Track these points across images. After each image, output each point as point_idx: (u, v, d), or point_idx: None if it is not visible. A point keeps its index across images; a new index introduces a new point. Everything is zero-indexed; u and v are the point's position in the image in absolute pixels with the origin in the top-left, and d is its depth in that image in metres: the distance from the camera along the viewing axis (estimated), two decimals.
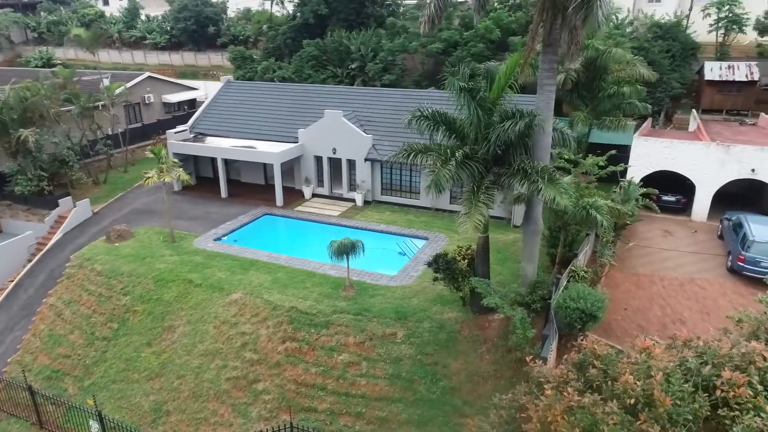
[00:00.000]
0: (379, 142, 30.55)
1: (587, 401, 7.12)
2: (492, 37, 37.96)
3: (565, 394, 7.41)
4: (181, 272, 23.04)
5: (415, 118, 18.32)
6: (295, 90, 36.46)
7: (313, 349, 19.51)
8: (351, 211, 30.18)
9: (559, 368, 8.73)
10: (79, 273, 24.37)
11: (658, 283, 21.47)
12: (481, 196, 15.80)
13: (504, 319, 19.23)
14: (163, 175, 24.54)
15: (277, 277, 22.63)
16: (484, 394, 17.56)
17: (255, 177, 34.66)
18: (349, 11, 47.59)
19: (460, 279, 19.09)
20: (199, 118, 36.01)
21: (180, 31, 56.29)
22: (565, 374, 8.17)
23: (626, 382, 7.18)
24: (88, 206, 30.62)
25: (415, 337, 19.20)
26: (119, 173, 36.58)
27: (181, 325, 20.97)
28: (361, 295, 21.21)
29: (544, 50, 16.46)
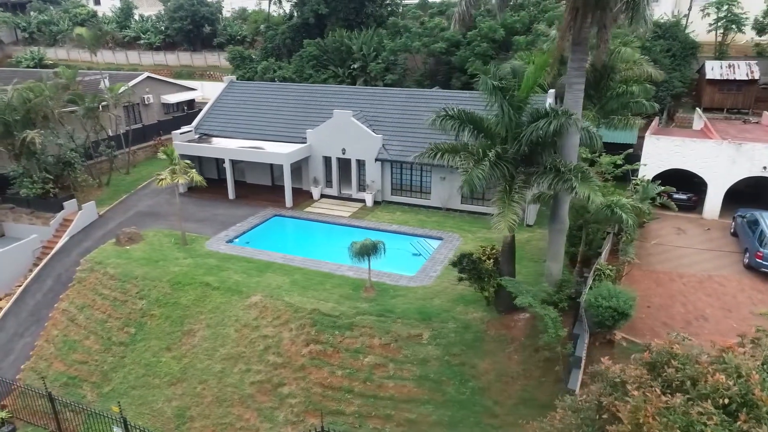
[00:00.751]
0: (388, 142, 30.42)
1: (677, 402, 7.06)
2: (496, 37, 38.00)
3: (651, 394, 7.33)
4: (197, 275, 22.69)
5: (440, 117, 18.19)
6: (301, 90, 36.17)
7: (337, 352, 19.32)
8: (361, 212, 30.00)
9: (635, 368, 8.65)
10: (90, 277, 23.89)
11: (678, 281, 21.61)
12: (515, 196, 15.71)
13: (530, 319, 19.21)
14: (176, 177, 24.14)
15: (294, 279, 22.39)
16: (514, 394, 17.57)
17: (261, 178, 34.31)
18: (348, 11, 47.37)
19: (486, 279, 19.01)
20: (203, 119, 35.56)
21: (176, 31, 55.62)
22: (643, 374, 8.09)
23: (717, 381, 7.13)
24: (93, 209, 30.07)
25: (440, 337, 19.10)
26: (121, 175, 35.99)
27: (201, 329, 20.64)
28: (382, 296, 21.06)
29: (573, 49, 16.43)
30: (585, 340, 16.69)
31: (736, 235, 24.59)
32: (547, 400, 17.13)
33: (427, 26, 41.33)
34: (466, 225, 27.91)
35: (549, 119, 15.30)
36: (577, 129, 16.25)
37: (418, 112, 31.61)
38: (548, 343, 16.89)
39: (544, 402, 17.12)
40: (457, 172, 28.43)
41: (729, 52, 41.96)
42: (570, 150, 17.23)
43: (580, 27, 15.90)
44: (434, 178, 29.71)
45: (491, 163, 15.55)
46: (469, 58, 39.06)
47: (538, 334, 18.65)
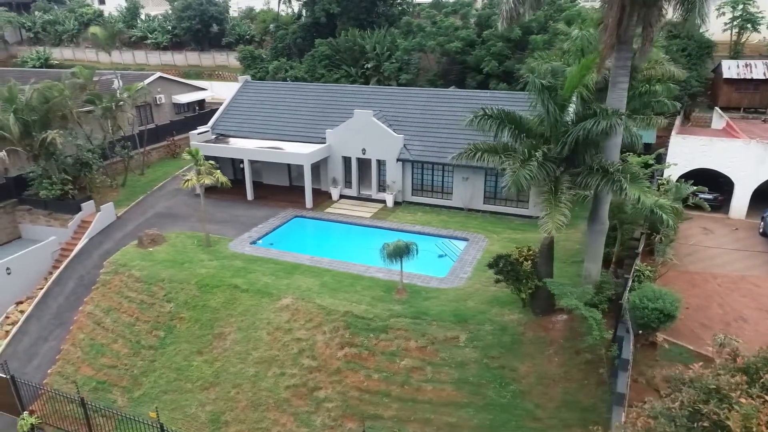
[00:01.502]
0: (409, 142, 30.17)
1: None
2: (512, 36, 37.79)
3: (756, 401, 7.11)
4: (225, 277, 22.39)
5: (479, 117, 17.96)
6: (318, 90, 35.90)
7: (373, 355, 19.06)
8: (382, 212, 29.75)
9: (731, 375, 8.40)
10: (115, 279, 23.56)
11: (712, 281, 21.45)
12: (562, 197, 15.47)
13: (568, 320, 19.00)
14: (202, 178, 23.83)
15: (324, 281, 22.11)
16: (556, 397, 17.34)
17: (278, 179, 34.01)
18: (360, 10, 47.16)
19: (524, 281, 18.78)
20: (219, 119, 35.26)
21: (184, 31, 55.24)
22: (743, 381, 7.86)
23: None
24: (112, 210, 29.71)
25: (477, 340, 18.85)
26: (135, 176, 35.59)
27: (232, 332, 20.35)
28: (414, 298, 20.81)
29: (618, 48, 16.20)
30: (630, 343, 16.44)
31: (766, 235, 24.43)
32: (590, 403, 17.00)
33: (441, 25, 41.10)
34: (490, 225, 27.68)
35: (597, 119, 15.08)
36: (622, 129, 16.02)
37: (439, 112, 31.43)
38: (592, 346, 16.69)
39: (587, 405, 16.95)
40: (480, 173, 28.65)
41: (743, 52, 41.86)
42: (612, 150, 17.04)
43: (627, 25, 15.68)
44: (456, 178, 29.48)
45: (539, 164, 15.30)
46: (485, 57, 38.88)
47: (578, 336, 18.50)
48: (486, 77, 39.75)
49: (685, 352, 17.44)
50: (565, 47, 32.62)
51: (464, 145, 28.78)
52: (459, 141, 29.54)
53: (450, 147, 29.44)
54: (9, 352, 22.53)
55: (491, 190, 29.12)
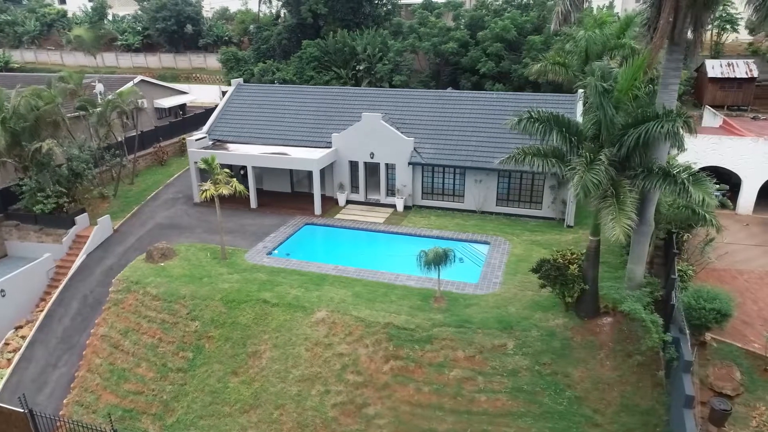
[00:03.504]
0: (419, 145, 29.67)
1: None
2: (508, 37, 37.87)
3: None
4: (251, 291, 21.31)
5: (525, 120, 17.63)
6: (320, 92, 34.99)
7: (420, 367, 18.47)
8: (395, 217, 29.15)
9: None
10: (128, 298, 22.08)
11: (739, 278, 21.84)
12: (627, 201, 15.28)
13: (614, 323, 18.92)
14: (220, 188, 22.63)
15: (356, 291, 21.35)
16: (613, 402, 17.20)
17: (280, 185, 32.88)
18: (346, 11, 46.35)
19: (571, 284, 18.58)
20: (214, 124, 33.84)
21: (158, 32, 52.95)
22: None
23: None
24: (109, 223, 27.96)
25: (526, 347, 18.54)
26: (125, 185, 33.71)
27: (268, 350, 19.34)
28: (454, 306, 20.33)
29: (670, 49, 16.18)
30: (687, 344, 16.43)
31: None
32: (649, 406, 16.94)
33: (435, 26, 40.81)
34: (507, 228, 27.50)
35: (660, 121, 14.95)
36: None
37: (447, 114, 31.08)
38: (651, 348, 16.63)
39: (645, 408, 16.88)
40: (493, 175, 28.44)
41: (723, 51, 43.37)
42: (662, 151, 17.01)
43: (682, 27, 15.65)
44: (468, 180, 29.18)
45: (606, 168, 15.06)
46: (481, 58, 38.82)
47: (627, 338, 18.43)
48: (480, 78, 39.73)
49: (735, 350, 17.61)
50: (568, 47, 32.99)
51: (478, 147, 29.05)
52: (471, 143, 29.34)
53: (462, 149, 29.19)
54: (14, 382, 20.80)
55: (504, 192, 28.96)
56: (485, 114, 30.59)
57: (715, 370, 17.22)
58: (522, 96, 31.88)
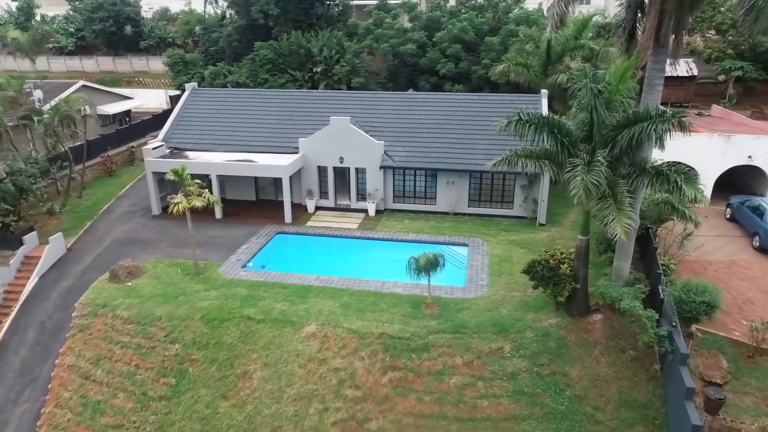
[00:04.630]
0: (389, 148, 29.27)
1: None
2: (466, 38, 38.10)
3: None
4: (233, 308, 20.19)
5: (515, 122, 17.61)
6: (280, 96, 33.92)
7: (419, 376, 18.08)
8: (368, 222, 28.62)
9: None
10: (96, 323, 20.39)
11: (709, 268, 22.80)
12: (625, 200, 15.51)
13: (605, 319, 19.28)
14: (192, 200, 21.30)
15: (344, 301, 20.70)
16: (612, 398, 17.48)
17: (244, 193, 31.56)
18: (298, 11, 45.20)
19: (563, 284, 18.75)
20: (170, 132, 32.05)
21: (95, 34, 49.70)
22: None
23: None
24: (62, 241, 25.81)
25: (523, 348, 18.55)
26: (73, 199, 31.29)
27: (258, 370, 18.34)
28: (446, 311, 20.09)
29: (655, 50, 16.59)
30: (681, 336, 16.92)
31: (733, 221, 26.56)
32: (646, 400, 17.32)
33: (392, 27, 40.50)
34: (482, 228, 27.59)
35: (654, 121, 15.28)
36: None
37: (415, 116, 30.86)
38: (646, 343, 16.99)
39: (643, 402, 17.25)
40: (465, 176, 28.47)
41: None
42: (648, 151, 17.43)
43: (667, 29, 16.06)
44: (440, 182, 29.10)
45: (605, 169, 15.20)
46: (440, 59, 38.87)
47: (618, 334, 18.83)
48: (440, 79, 39.78)
49: (719, 340, 18.27)
50: (528, 48, 33.59)
51: (448, 148, 28.98)
52: (442, 145, 29.24)
53: (433, 151, 29.04)
54: None
55: (476, 193, 29.06)
56: (453, 115, 30.60)
57: (703, 360, 17.80)
58: (488, 97, 32.16)
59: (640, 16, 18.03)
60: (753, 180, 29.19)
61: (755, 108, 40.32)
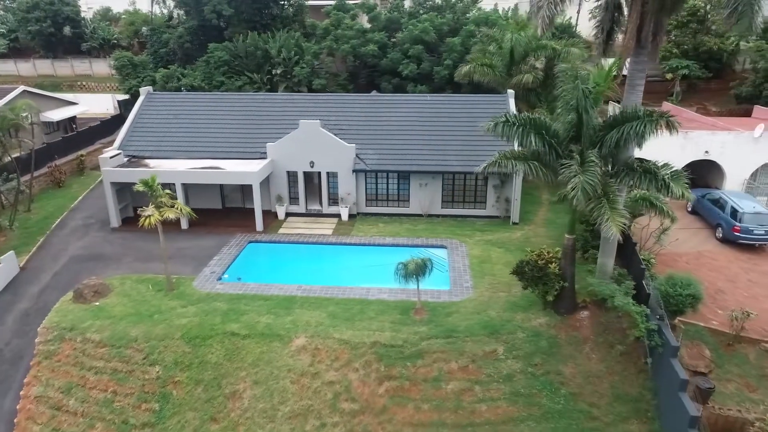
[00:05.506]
0: (360, 152, 28.80)
1: None
2: (427, 39, 38.13)
3: None
4: (214, 325, 19.20)
5: (502, 123, 17.62)
6: (243, 100, 32.84)
7: (415, 384, 17.77)
8: (342, 227, 28.06)
9: None
10: (64, 348, 18.87)
11: (680, 260, 23.69)
12: (618, 199, 15.76)
13: (591, 316, 19.60)
14: (165, 212, 20.10)
15: (330, 311, 20.11)
16: (606, 393, 17.77)
17: (209, 201, 30.21)
18: (252, 11, 43.98)
19: (552, 283, 18.92)
20: (126, 139, 30.30)
21: (31, 35, 46.45)
22: None
23: None
24: (14, 260, 23.84)
25: (516, 350, 18.59)
26: (20, 213, 28.99)
27: (248, 388, 17.49)
28: (435, 316, 19.88)
29: (636, 51, 16.96)
30: (670, 330, 17.40)
31: (694, 213, 27.77)
32: (637, 393, 17.71)
33: (352, 28, 39.99)
34: (457, 229, 27.59)
35: (642, 121, 15.60)
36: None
37: (384, 118, 30.56)
38: (639, 338, 17.37)
39: (634, 395, 17.63)
40: (438, 178, 28.38)
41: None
42: (631, 150, 17.83)
43: (649, 30, 16.44)
44: (413, 184, 28.91)
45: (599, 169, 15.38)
46: (402, 60, 38.73)
47: (605, 330, 19.18)
48: (401, 80, 39.64)
49: (700, 330, 18.96)
50: (492, 49, 33.93)
51: (420, 150, 28.80)
52: (413, 146, 29.05)
53: (405, 153, 28.80)
54: None
55: (449, 194, 29.05)
56: (421, 117, 30.49)
57: (687, 351, 18.43)
58: (455, 98, 32.25)
59: (617, 16, 18.47)
60: (708, 174, 30.63)
61: (699, 104, 42.45)
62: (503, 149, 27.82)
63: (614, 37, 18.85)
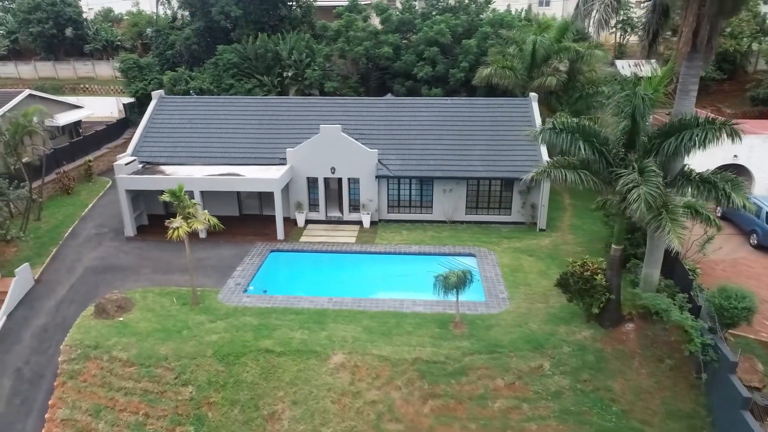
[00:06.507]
0: (382, 157, 28.03)
1: None
2: (443, 41, 37.41)
3: None
4: (247, 341, 18.37)
5: (548, 130, 16.94)
6: (259, 104, 32.01)
7: (460, 403, 17.05)
8: (364, 235, 27.29)
9: None
10: (89, 368, 17.97)
11: (716, 268, 23.11)
12: (678, 210, 15.12)
13: (636, 329, 18.97)
14: (192, 223, 19.25)
15: (365, 325, 19.35)
16: (658, 410, 17.14)
17: (227, 209, 29.18)
18: (260, 13, 43.06)
19: (598, 295, 18.27)
20: (139, 144, 29.35)
21: (33, 37, 45.26)
22: None
23: None
24: (29, 273, 22.87)
25: (562, 365, 17.92)
26: (30, 222, 27.93)
27: (287, 409, 16.68)
28: (475, 330, 19.17)
29: (690, 56, 16.32)
30: (725, 344, 16.79)
31: (724, 219, 27.21)
32: (690, 409, 17.09)
33: (365, 30, 39.20)
34: (483, 236, 26.90)
35: (703, 128, 14.97)
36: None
37: (405, 122, 29.85)
38: (694, 352, 16.74)
39: (688, 412, 17.02)
40: (462, 183, 27.67)
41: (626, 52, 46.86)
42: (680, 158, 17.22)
43: (705, 34, 15.82)
44: (437, 190, 28.17)
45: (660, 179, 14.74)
46: (417, 63, 38.01)
47: (652, 343, 18.56)
48: (415, 82, 38.92)
49: (750, 342, 18.38)
50: (511, 51, 33.29)
51: (444, 155, 28.07)
52: (436, 151, 28.35)
53: (428, 159, 28.08)
54: None
55: (473, 200, 28.34)
56: (443, 121, 29.80)
57: (740, 365, 17.84)
58: (476, 101, 31.56)
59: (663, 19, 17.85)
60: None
61: (713, 106, 42.08)
62: (528, 154, 27.78)
63: (659, 39, 18.21)
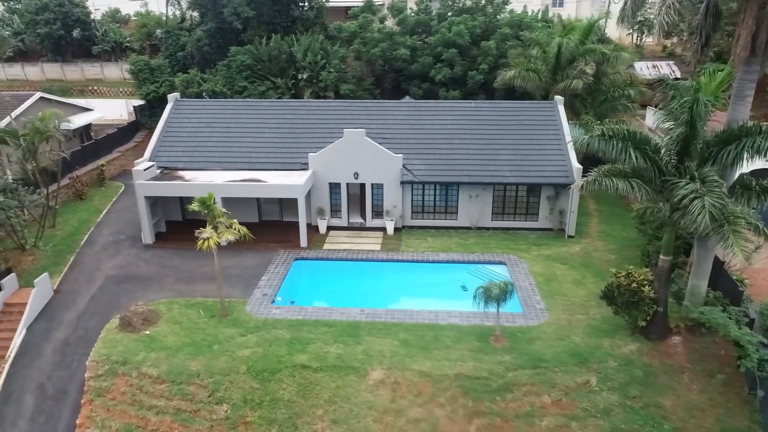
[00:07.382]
0: (406, 161, 27.35)
1: None
2: (460, 42, 36.73)
3: None
4: (281, 356, 17.67)
5: (597, 138, 16.28)
6: (278, 107, 31.32)
7: (507, 421, 16.37)
8: (389, 242, 26.60)
9: None
10: (118, 384, 17.24)
11: (758, 277, 22.35)
12: (740, 221, 14.48)
13: (684, 342, 18.33)
14: (222, 233, 18.54)
15: (402, 338, 18.67)
16: (712, 428, 16.45)
17: (246, 215, 28.28)
18: (272, 14, 42.31)
19: (647, 307, 17.62)
20: (156, 149, 28.63)
21: (41, 38, 44.43)
22: None
23: None
24: (48, 283, 22.12)
25: (610, 380, 17.26)
26: (45, 229, 27.17)
27: (327, 428, 15.98)
28: (516, 343, 18.51)
29: (749, 60, 15.69)
30: None
31: None
32: (745, 427, 16.42)
33: (382, 31, 38.50)
34: (511, 243, 26.25)
35: (765, 136, 14.32)
36: None
37: (428, 126, 29.21)
38: (752, 368, 16.09)
39: (743, 430, 16.33)
40: (489, 189, 27.00)
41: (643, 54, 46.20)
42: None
43: (764, 38, 15.19)
44: (462, 196, 27.50)
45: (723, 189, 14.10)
46: (434, 65, 37.34)
47: (701, 357, 17.92)
48: (432, 85, 38.24)
49: None
50: (535, 53, 32.65)
51: (469, 160, 27.38)
52: (461, 156, 27.69)
53: (454, 163, 27.42)
54: None
55: (499, 206, 27.67)
56: (467, 124, 29.16)
57: None
58: (501, 104, 30.89)
59: (716, 22, 17.21)
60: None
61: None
62: (555, 159, 27.14)
63: (710, 42, 17.56)
